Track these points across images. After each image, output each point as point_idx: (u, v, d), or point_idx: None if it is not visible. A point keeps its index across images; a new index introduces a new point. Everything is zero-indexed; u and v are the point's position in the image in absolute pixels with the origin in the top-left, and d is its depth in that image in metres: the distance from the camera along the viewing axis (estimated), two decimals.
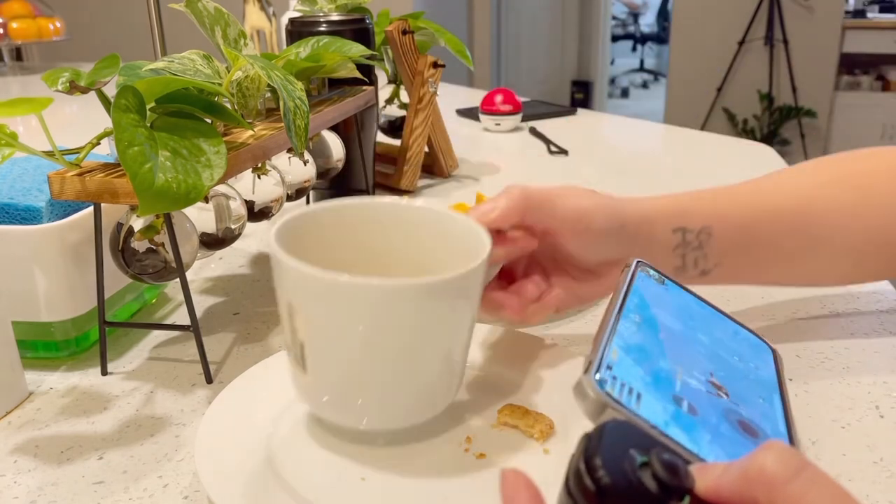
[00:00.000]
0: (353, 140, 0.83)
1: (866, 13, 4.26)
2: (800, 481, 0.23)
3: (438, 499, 0.38)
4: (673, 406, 0.32)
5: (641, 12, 7.42)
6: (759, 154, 1.14)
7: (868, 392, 0.48)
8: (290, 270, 0.37)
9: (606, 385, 0.30)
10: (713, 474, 0.25)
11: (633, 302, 0.40)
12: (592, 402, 0.30)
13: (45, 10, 2.40)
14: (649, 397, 0.31)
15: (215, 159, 0.47)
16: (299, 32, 0.83)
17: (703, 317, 0.44)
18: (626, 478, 0.23)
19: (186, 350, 0.56)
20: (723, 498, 0.24)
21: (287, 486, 0.39)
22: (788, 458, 0.23)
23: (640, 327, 0.37)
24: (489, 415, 0.45)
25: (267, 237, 0.40)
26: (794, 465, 0.23)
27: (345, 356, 0.39)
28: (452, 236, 0.45)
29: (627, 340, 0.35)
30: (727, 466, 0.25)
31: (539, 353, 0.50)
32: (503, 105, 1.32)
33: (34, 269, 0.51)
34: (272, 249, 0.38)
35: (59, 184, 0.48)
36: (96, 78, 0.48)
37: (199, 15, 0.57)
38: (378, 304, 0.37)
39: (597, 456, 0.23)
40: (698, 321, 0.43)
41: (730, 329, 0.44)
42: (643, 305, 0.40)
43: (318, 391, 0.40)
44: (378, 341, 0.38)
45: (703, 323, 0.43)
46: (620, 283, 0.42)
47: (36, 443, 0.45)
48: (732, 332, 0.44)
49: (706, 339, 0.41)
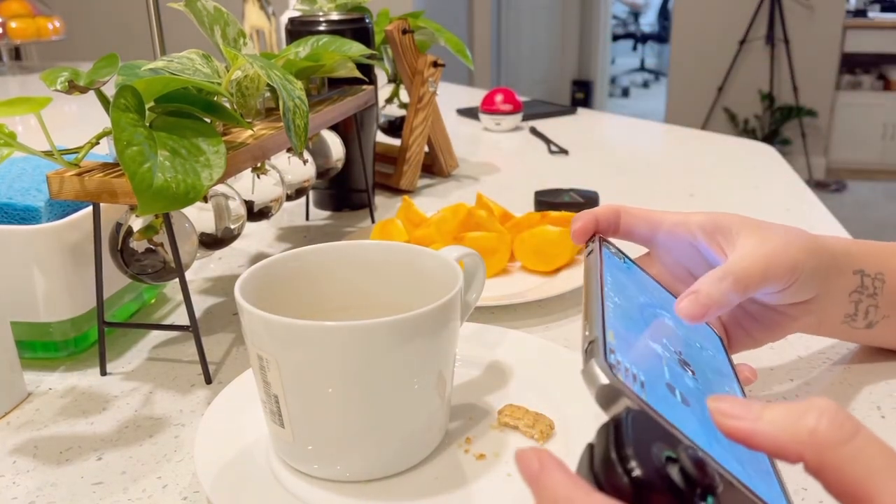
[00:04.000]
0: (353, 140, 0.83)
1: (867, 12, 4.26)
2: (854, 444, 0.22)
3: (438, 499, 0.38)
4: (669, 395, 0.31)
5: (642, 11, 7.41)
6: (760, 154, 1.13)
7: (869, 393, 0.47)
8: (257, 320, 0.36)
9: (617, 371, 0.28)
10: (744, 415, 0.24)
11: (608, 281, 0.37)
12: (606, 389, 0.27)
13: (43, 10, 2.39)
14: (650, 386, 0.30)
15: (214, 159, 0.47)
16: (299, 32, 0.83)
17: (663, 299, 0.42)
18: (656, 471, 0.22)
19: (185, 350, 0.56)
20: (754, 444, 0.24)
21: (286, 486, 0.39)
22: (843, 421, 0.23)
23: (620, 308, 0.36)
24: (489, 415, 0.45)
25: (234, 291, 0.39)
26: (849, 429, 0.23)
27: (322, 405, 0.37)
28: (424, 272, 0.44)
29: (616, 322, 0.33)
30: (761, 412, 0.24)
31: (539, 353, 0.50)
32: (503, 105, 1.32)
33: (33, 269, 0.51)
34: (238, 302, 0.38)
35: (57, 183, 0.48)
36: (95, 77, 0.48)
37: (198, 14, 0.57)
38: (350, 346, 0.36)
39: (628, 446, 0.23)
40: (660, 302, 0.41)
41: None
42: (616, 285, 0.38)
43: (298, 445, 0.39)
44: (354, 385, 0.37)
45: (664, 305, 0.41)
46: (592, 261, 0.39)
47: (35, 443, 0.45)
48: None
49: (671, 322, 0.39)
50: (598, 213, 0.45)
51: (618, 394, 0.27)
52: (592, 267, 0.38)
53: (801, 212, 0.85)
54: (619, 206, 0.45)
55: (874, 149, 4.28)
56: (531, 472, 0.24)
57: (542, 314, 0.61)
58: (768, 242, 0.41)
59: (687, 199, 0.92)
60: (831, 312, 0.46)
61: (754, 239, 0.42)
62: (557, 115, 1.46)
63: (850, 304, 0.46)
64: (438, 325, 0.38)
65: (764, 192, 0.94)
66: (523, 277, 0.67)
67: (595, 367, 0.28)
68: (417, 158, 0.95)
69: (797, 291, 0.43)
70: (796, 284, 0.42)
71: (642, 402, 0.27)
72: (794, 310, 0.45)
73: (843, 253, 0.45)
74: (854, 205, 3.83)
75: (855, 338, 0.49)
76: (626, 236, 0.46)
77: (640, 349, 0.33)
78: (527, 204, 0.88)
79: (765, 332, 0.46)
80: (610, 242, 0.43)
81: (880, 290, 0.46)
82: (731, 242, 0.42)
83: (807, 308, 0.45)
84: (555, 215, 0.71)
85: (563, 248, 0.66)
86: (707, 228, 0.44)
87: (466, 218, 0.69)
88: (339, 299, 0.45)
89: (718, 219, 0.43)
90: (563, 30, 5.38)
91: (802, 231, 0.44)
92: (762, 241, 0.41)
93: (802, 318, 0.45)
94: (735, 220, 0.43)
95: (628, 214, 0.45)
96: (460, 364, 0.49)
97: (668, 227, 0.45)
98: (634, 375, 0.29)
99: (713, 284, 0.39)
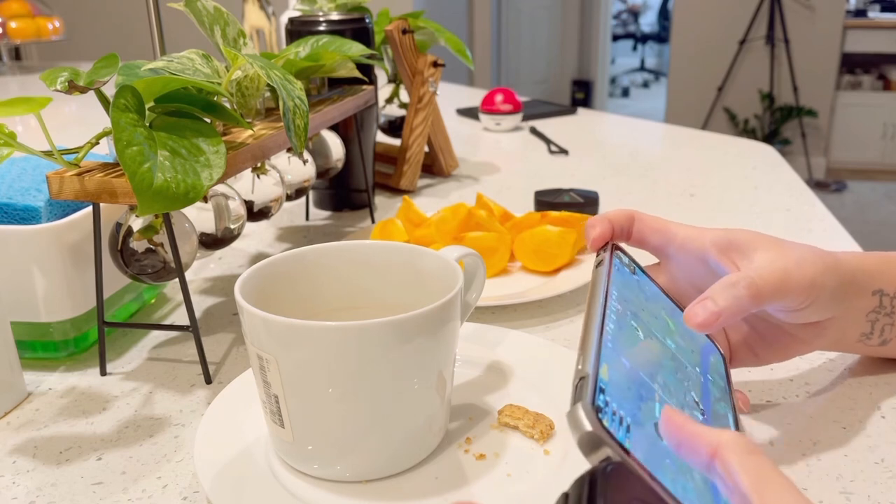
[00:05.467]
0: (353, 140, 0.83)
1: (867, 12, 4.26)
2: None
3: (438, 499, 0.38)
4: (658, 439, 0.29)
5: (641, 11, 7.42)
6: (760, 154, 1.13)
7: (870, 393, 0.47)
8: (257, 320, 0.36)
9: (602, 415, 0.27)
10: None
11: (612, 299, 0.36)
12: (589, 436, 0.26)
13: (43, 10, 2.39)
14: (637, 430, 0.28)
15: (214, 159, 0.47)
16: (299, 32, 0.83)
17: (669, 312, 0.41)
18: None
19: (185, 350, 0.56)
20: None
21: (286, 486, 0.39)
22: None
23: (622, 332, 0.34)
24: (489, 415, 0.45)
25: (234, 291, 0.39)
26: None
27: (322, 405, 0.37)
28: (424, 272, 0.44)
29: (613, 351, 0.32)
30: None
31: (539, 354, 0.50)
32: (503, 104, 1.32)
33: (33, 269, 0.51)
34: (238, 302, 0.38)
35: (57, 183, 0.48)
36: (95, 77, 0.48)
37: (198, 14, 0.57)
38: (349, 346, 0.36)
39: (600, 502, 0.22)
40: (664, 319, 0.40)
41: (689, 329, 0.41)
42: (622, 303, 0.37)
43: (298, 445, 0.39)
44: (354, 385, 0.37)
45: (671, 322, 0.40)
46: (599, 275, 0.37)
47: (35, 443, 0.45)
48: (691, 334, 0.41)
49: (673, 345, 0.38)
50: (614, 218, 0.43)
51: (600, 442, 0.26)
52: (598, 283, 0.37)
53: (801, 212, 0.85)
54: (633, 212, 0.44)
55: (874, 149, 4.28)
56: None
57: (542, 314, 0.61)
58: (787, 257, 0.40)
59: (687, 199, 0.92)
60: (848, 332, 0.45)
61: (772, 253, 0.40)
62: (557, 115, 1.46)
63: (866, 323, 0.44)
64: (438, 325, 0.38)
65: (764, 192, 0.94)
66: (523, 277, 0.67)
67: (580, 412, 0.27)
68: (417, 158, 0.95)
69: (815, 311, 0.41)
70: (815, 304, 0.41)
71: (624, 453, 0.26)
72: (805, 332, 0.44)
73: (860, 271, 0.43)
74: (854, 205, 3.83)
75: (866, 353, 0.49)
76: (637, 244, 0.45)
77: (632, 383, 0.31)
78: (527, 204, 0.88)
79: (771, 353, 0.45)
80: (622, 250, 0.42)
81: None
82: (748, 258, 0.41)
83: (819, 331, 0.43)
84: (555, 215, 0.71)
85: (563, 248, 0.66)
86: (721, 245, 0.42)
87: (466, 218, 0.69)
88: (339, 299, 0.45)
89: (734, 235, 0.42)
90: (563, 30, 5.38)
91: (820, 249, 0.42)
92: (780, 254, 0.40)
93: (813, 341, 0.44)
94: (751, 236, 0.42)
95: (642, 223, 0.44)
96: (460, 364, 0.48)
97: (680, 240, 0.44)
98: (621, 419, 0.28)
99: (726, 290, 0.37)
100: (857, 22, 4.11)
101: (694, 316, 0.37)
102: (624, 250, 0.43)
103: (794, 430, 0.44)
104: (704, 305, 0.37)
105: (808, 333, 0.44)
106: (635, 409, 0.29)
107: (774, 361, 0.46)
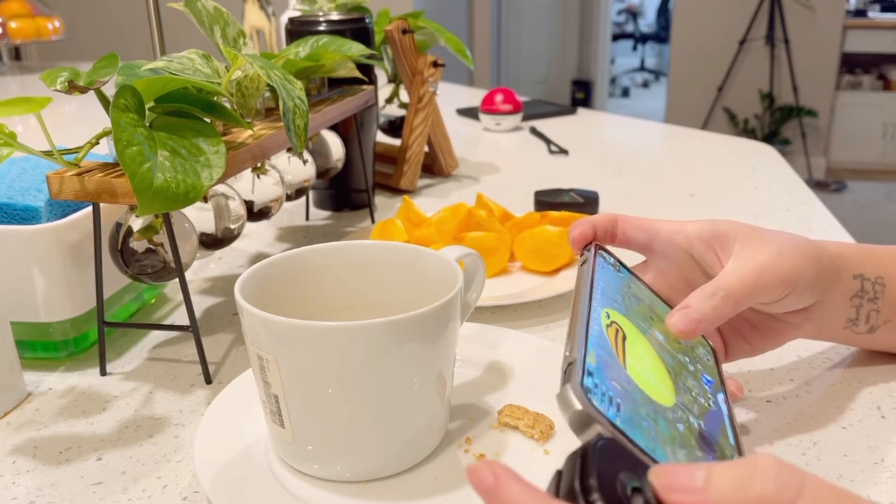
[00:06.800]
0: (353, 140, 0.83)
1: (867, 12, 4.26)
2: (803, 500, 0.22)
3: (438, 499, 0.38)
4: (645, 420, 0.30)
5: (639, 12, 7.42)
6: (760, 154, 1.13)
7: (869, 393, 0.47)
8: (257, 320, 0.36)
9: (591, 395, 0.28)
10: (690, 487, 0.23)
11: (598, 292, 0.37)
12: (579, 415, 0.27)
13: (43, 10, 2.39)
14: (626, 408, 0.29)
15: (214, 159, 0.47)
16: (299, 32, 0.83)
17: (655, 308, 0.42)
18: (618, 503, 0.22)
19: (185, 350, 0.56)
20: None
21: (286, 486, 0.39)
22: (787, 480, 0.22)
23: (608, 324, 0.35)
24: (489, 415, 0.45)
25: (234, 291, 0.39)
26: (795, 485, 0.22)
27: (322, 405, 0.37)
28: (424, 272, 0.44)
29: (599, 340, 0.33)
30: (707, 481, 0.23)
31: (539, 353, 0.50)
32: (503, 105, 1.32)
33: (33, 269, 0.51)
34: (238, 302, 0.38)
35: (57, 183, 0.48)
36: (95, 77, 0.48)
37: (198, 14, 0.57)
38: (349, 346, 0.36)
39: (591, 477, 0.23)
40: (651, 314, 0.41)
41: None
42: (606, 297, 0.37)
43: (298, 445, 0.39)
44: (354, 385, 0.37)
45: (657, 317, 0.41)
46: (584, 272, 0.38)
47: (35, 443, 0.45)
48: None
49: (661, 337, 0.39)
50: (596, 221, 0.44)
51: (591, 420, 0.27)
52: (583, 279, 0.38)
53: (801, 212, 0.85)
54: (616, 215, 0.45)
55: (874, 149, 4.28)
56: (486, 486, 0.23)
57: (542, 314, 0.61)
58: (761, 254, 0.41)
59: (687, 199, 0.92)
60: (833, 318, 0.45)
61: (749, 250, 0.41)
62: (557, 115, 1.46)
63: (851, 308, 0.46)
64: (438, 325, 0.38)
65: (764, 192, 0.94)
66: (523, 277, 0.67)
67: (569, 392, 0.27)
68: (417, 158, 0.95)
69: (796, 300, 0.43)
70: (794, 293, 0.42)
71: (615, 428, 0.27)
72: (793, 317, 0.45)
73: (840, 256, 0.45)
74: (854, 205, 3.83)
75: (857, 342, 0.49)
76: (623, 244, 0.46)
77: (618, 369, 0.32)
78: (527, 204, 0.88)
79: (764, 341, 0.46)
80: (607, 251, 0.43)
81: (881, 295, 0.46)
82: (728, 251, 0.42)
83: (807, 315, 0.45)
84: (555, 215, 0.71)
85: (563, 248, 0.66)
86: (704, 237, 0.43)
87: (466, 218, 0.69)
88: (339, 299, 0.45)
89: (716, 227, 0.43)
90: (563, 30, 5.38)
91: (802, 238, 0.43)
92: (755, 252, 0.41)
93: (803, 325, 0.45)
94: (733, 227, 0.43)
95: (625, 223, 0.45)
96: (460, 364, 0.49)
97: (665, 235, 0.45)
98: (611, 398, 0.29)
99: (704, 300, 0.39)
100: (857, 22, 4.11)
101: (675, 324, 0.38)
102: (608, 251, 0.43)
103: (794, 430, 0.44)
104: (684, 314, 0.38)
105: (797, 318, 0.45)
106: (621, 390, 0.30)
107: (769, 349, 0.47)
